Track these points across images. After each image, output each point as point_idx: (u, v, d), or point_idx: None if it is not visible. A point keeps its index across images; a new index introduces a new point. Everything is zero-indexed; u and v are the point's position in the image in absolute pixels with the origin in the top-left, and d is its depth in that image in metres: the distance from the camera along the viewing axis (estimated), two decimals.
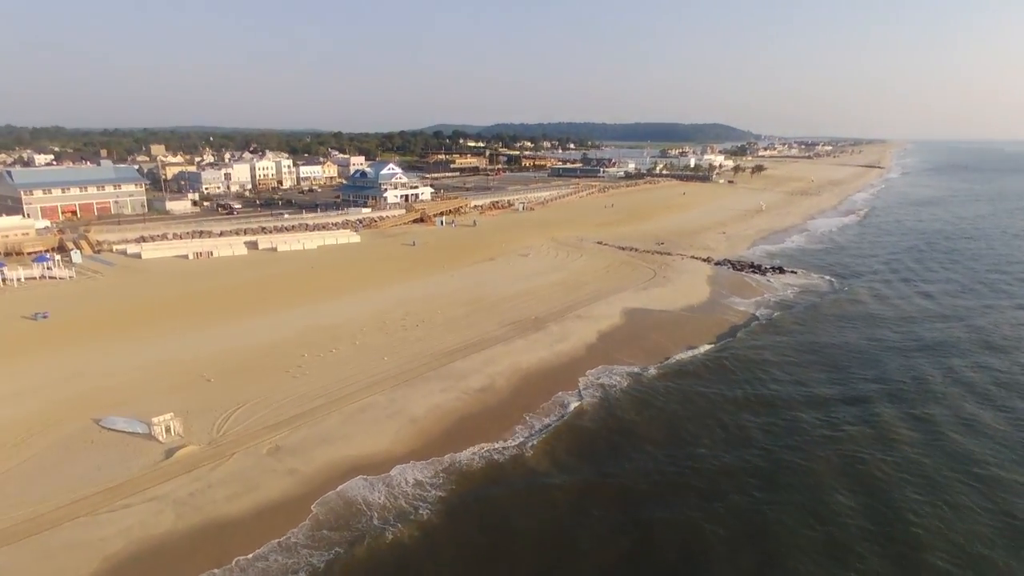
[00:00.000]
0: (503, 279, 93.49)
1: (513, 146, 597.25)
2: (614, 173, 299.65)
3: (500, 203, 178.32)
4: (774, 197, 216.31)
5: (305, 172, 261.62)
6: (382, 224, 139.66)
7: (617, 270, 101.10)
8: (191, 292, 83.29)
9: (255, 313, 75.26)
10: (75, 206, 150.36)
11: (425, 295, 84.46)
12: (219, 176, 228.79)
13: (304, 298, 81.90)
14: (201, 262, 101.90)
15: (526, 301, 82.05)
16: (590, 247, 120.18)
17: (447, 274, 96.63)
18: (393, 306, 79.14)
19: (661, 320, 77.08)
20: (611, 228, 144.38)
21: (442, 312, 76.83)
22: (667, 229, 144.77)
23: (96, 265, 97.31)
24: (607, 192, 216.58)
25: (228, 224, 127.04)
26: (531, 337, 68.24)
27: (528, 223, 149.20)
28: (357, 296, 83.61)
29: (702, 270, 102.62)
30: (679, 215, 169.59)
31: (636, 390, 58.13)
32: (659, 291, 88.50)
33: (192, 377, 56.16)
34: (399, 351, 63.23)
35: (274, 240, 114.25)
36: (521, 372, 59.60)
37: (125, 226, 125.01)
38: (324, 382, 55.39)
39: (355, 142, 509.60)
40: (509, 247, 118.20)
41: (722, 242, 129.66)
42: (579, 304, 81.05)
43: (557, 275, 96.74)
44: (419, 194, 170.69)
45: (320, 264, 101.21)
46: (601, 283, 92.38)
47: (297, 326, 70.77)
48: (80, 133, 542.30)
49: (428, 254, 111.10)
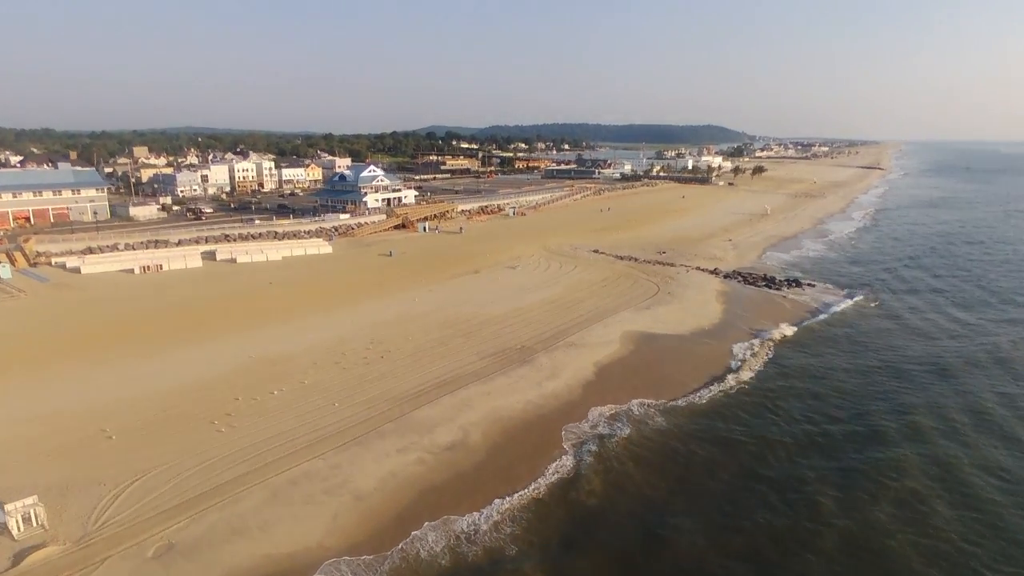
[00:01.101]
0: (487, 296, 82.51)
1: (507, 148, 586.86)
2: (610, 175, 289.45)
3: (489, 208, 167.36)
4: (778, 200, 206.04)
5: (288, 175, 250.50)
6: (360, 231, 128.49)
7: (616, 284, 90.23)
8: (124, 315, 71.99)
9: (192, 341, 64.08)
10: (28, 212, 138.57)
11: (397, 316, 73.43)
12: (195, 178, 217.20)
13: (255, 321, 70.75)
14: (148, 277, 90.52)
15: (512, 324, 71.09)
16: (585, 257, 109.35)
17: (425, 289, 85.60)
18: (357, 331, 68.09)
19: (669, 347, 66.23)
20: (608, 235, 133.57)
21: (413, 338, 65.80)
22: (668, 236, 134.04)
23: (26, 281, 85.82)
24: (603, 195, 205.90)
25: (188, 232, 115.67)
26: (516, 373, 57.23)
27: (518, 229, 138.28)
28: (317, 318, 72.49)
29: (711, 284, 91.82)
30: (680, 220, 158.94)
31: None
32: (664, 310, 77.64)
33: (89, 433, 44.96)
34: (354, 394, 52.12)
35: (234, 250, 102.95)
36: (501, 421, 48.58)
37: (77, 234, 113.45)
38: (254, 438, 44.29)
39: (345, 143, 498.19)
40: (496, 257, 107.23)
41: (729, 251, 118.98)
42: (573, 327, 70.13)
43: (549, 291, 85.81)
44: (402, 198, 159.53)
45: (282, 279, 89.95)
46: (598, 300, 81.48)
47: (239, 358, 59.66)
48: (68, 135, 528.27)
49: (406, 266, 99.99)
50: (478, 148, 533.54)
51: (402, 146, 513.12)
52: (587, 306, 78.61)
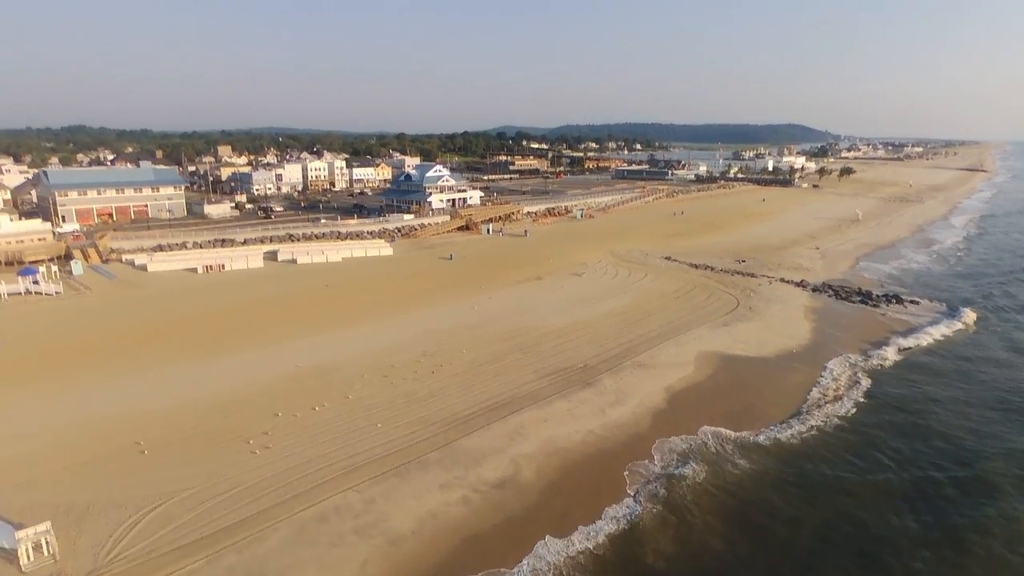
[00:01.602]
0: (549, 306, 77.24)
1: (577, 147, 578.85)
2: (683, 176, 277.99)
3: (556, 209, 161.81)
4: (869, 204, 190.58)
5: (358, 174, 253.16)
6: (422, 232, 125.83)
7: (690, 296, 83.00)
8: (179, 317, 71.03)
9: (243, 346, 61.99)
10: (111, 208, 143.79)
11: (452, 325, 69.28)
12: (270, 177, 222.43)
13: (307, 326, 68.24)
14: (210, 277, 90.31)
15: (575, 338, 65.54)
16: (656, 264, 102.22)
17: (484, 296, 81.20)
18: (410, 340, 64.32)
19: (750, 372, 58.96)
20: (681, 240, 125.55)
21: (468, 351, 61.36)
22: (748, 243, 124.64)
23: (94, 278, 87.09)
24: (676, 197, 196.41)
25: (255, 231, 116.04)
26: (577, 396, 51.71)
27: (585, 233, 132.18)
28: (370, 325, 69.29)
29: (797, 298, 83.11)
30: (760, 225, 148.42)
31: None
32: (745, 328, 70.08)
33: (123, 445, 42.72)
34: (400, 414, 48.03)
35: (296, 251, 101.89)
36: (558, 455, 43.23)
37: (148, 232, 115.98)
38: (288, 463, 40.76)
39: (416, 143, 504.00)
40: (561, 263, 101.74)
41: (816, 260, 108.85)
42: (642, 345, 63.86)
43: (616, 301, 79.67)
44: (467, 199, 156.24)
45: (339, 282, 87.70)
46: (670, 314, 74.72)
47: (286, 366, 56.90)
48: (163, 135, 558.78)
49: (465, 271, 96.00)
50: (548, 148, 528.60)
51: (472, 146, 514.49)
52: (658, 321, 72.03)
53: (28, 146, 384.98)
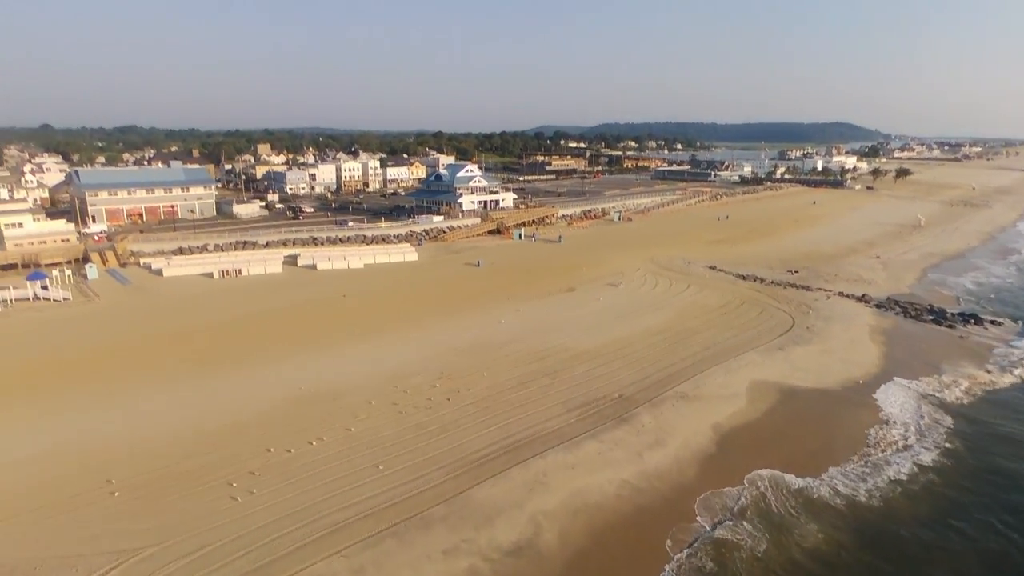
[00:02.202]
0: (582, 321, 70.51)
1: (616, 146, 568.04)
2: (727, 177, 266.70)
3: (592, 212, 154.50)
4: (931, 208, 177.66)
5: (392, 174, 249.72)
6: (451, 236, 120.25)
7: (738, 312, 75.19)
8: (185, 327, 66.67)
9: (246, 362, 57.08)
10: (141, 208, 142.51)
11: (474, 343, 63.22)
12: (303, 177, 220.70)
13: (318, 341, 63.06)
14: (225, 282, 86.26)
15: (609, 361, 58.71)
16: (700, 274, 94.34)
17: (511, 309, 74.95)
18: (427, 359, 58.50)
19: (812, 407, 51.26)
20: (726, 247, 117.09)
21: (490, 374, 55.19)
22: (799, 250, 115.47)
23: (107, 284, 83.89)
24: (720, 200, 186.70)
25: (278, 233, 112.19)
26: (610, 435, 44.96)
27: (623, 238, 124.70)
28: (386, 340, 63.73)
29: (860, 316, 74.47)
30: (812, 231, 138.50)
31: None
32: (803, 353, 62.12)
33: (91, 484, 37.80)
34: (406, 452, 42.09)
35: (316, 256, 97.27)
36: (587, 512, 36.62)
37: (172, 233, 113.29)
38: (271, 515, 35.16)
39: (453, 142, 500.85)
40: (596, 271, 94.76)
41: (878, 271, 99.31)
42: (685, 371, 56.64)
43: (655, 317, 72.45)
44: (499, 200, 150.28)
45: (357, 290, 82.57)
46: (717, 333, 67.16)
47: (289, 389, 51.68)
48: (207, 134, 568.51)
49: (493, 279, 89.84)
50: (586, 147, 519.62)
51: (510, 145, 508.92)
52: (703, 341, 64.58)
53: (77, 145, 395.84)
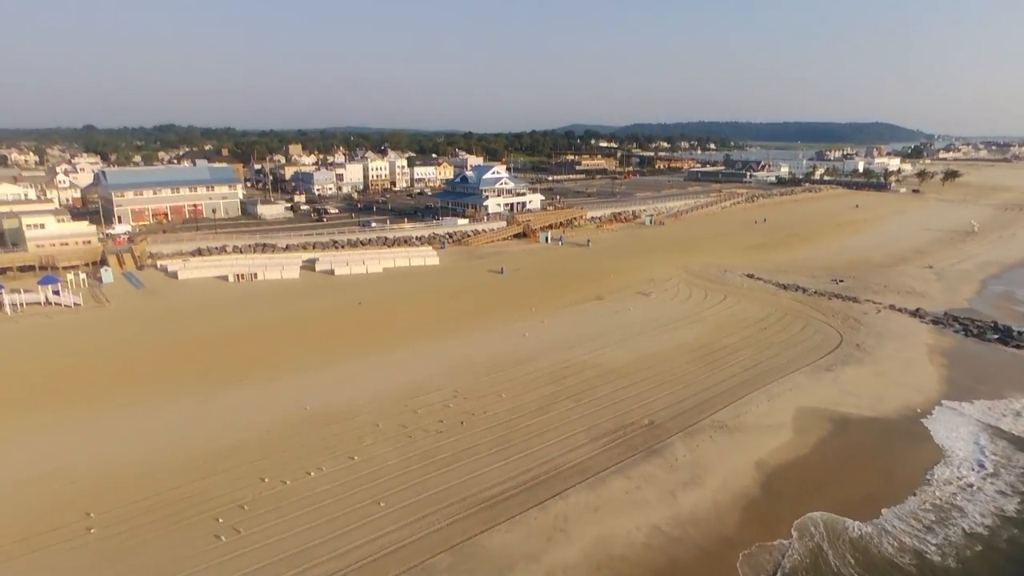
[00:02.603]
0: (611, 335, 65.73)
1: (648, 146, 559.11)
2: (763, 178, 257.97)
3: (623, 214, 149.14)
4: (983, 213, 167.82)
5: (419, 173, 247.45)
6: (475, 240, 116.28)
7: (780, 327, 69.55)
8: (192, 336, 63.83)
9: (249, 377, 53.81)
10: (166, 208, 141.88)
11: (495, 357, 59.02)
12: (331, 177, 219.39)
13: (328, 353, 59.57)
14: (240, 287, 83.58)
15: (639, 381, 53.92)
16: (737, 283, 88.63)
17: (535, 321, 70.56)
18: (442, 375, 54.53)
19: (869, 440, 45.72)
20: (764, 254, 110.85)
21: (508, 394, 50.92)
22: (843, 258, 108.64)
23: (120, 288, 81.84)
24: (756, 202, 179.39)
25: (298, 236, 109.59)
26: (639, 470, 40.24)
27: (655, 243, 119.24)
28: (400, 354, 59.92)
29: (915, 334, 68.18)
30: (856, 237, 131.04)
31: None
32: (854, 374, 56.40)
33: (68, 518, 34.57)
34: (411, 486, 38.01)
35: (335, 261, 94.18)
36: (611, 567, 31.97)
37: (192, 234, 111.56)
38: (254, 561, 31.40)
39: (483, 142, 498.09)
40: (626, 279, 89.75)
41: (931, 283, 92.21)
42: (723, 395, 51.53)
43: (690, 331, 67.29)
44: (526, 202, 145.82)
45: (374, 297, 79.04)
46: (757, 351, 61.75)
47: (291, 409, 48.15)
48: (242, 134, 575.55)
49: (517, 287, 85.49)
50: (617, 147, 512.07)
51: (539, 145, 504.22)
52: (742, 360, 59.26)
53: (114, 145, 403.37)
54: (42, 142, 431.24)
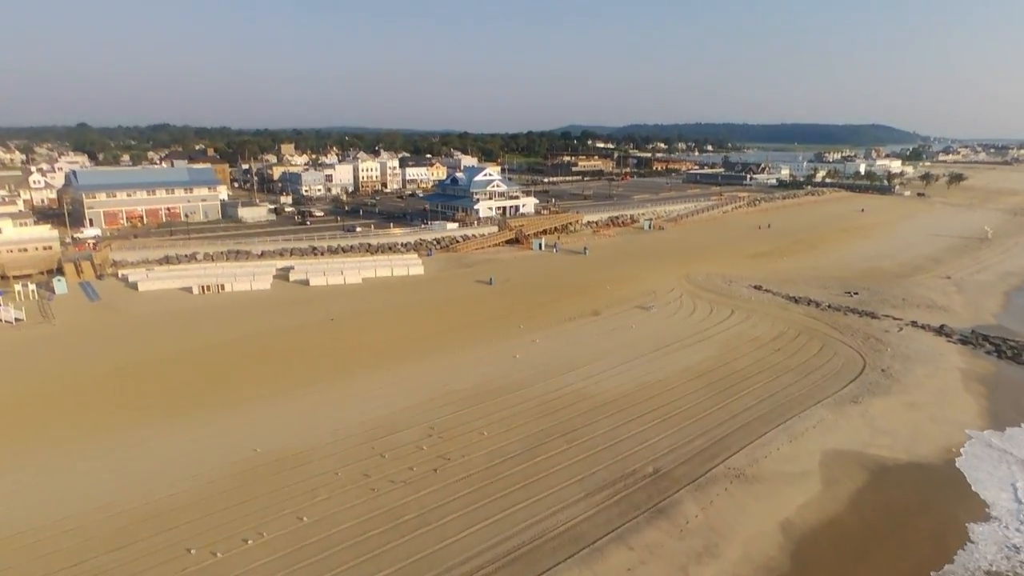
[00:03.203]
0: (609, 357, 59.22)
1: (645, 147, 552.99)
2: (763, 180, 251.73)
3: (621, 219, 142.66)
4: (993, 218, 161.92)
5: (412, 174, 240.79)
6: (464, 246, 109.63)
7: (794, 348, 63.13)
8: (140, 360, 57.04)
9: (197, 410, 47.14)
10: (141, 211, 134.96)
11: (478, 384, 52.47)
12: (320, 178, 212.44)
13: (290, 380, 52.90)
14: (204, 299, 76.81)
15: (640, 414, 47.41)
16: (744, 296, 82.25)
17: (526, 339, 64.04)
18: (417, 407, 47.97)
19: (909, 491, 39.22)
20: (771, 262, 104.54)
21: (492, 431, 44.39)
22: (855, 267, 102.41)
23: (73, 300, 74.96)
24: (759, 206, 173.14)
25: (274, 243, 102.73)
26: (642, 537, 33.66)
27: (654, 249, 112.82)
28: (371, 380, 53.32)
29: (944, 355, 61.80)
30: (865, 243, 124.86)
31: None
32: (883, 407, 49.96)
33: None
34: (366, 560, 31.37)
35: (310, 270, 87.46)
36: None
37: (161, 240, 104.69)
38: None
39: (479, 142, 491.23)
40: (624, 290, 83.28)
41: (952, 295, 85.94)
42: (737, 433, 45.04)
43: (695, 354, 60.82)
44: (520, 206, 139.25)
45: (349, 312, 72.34)
46: (772, 377, 55.31)
47: (240, 451, 41.54)
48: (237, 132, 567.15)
49: (506, 300, 78.89)
50: (614, 148, 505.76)
51: (536, 146, 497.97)
52: (756, 389, 52.78)
53: (103, 144, 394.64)
54: (34, 140, 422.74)
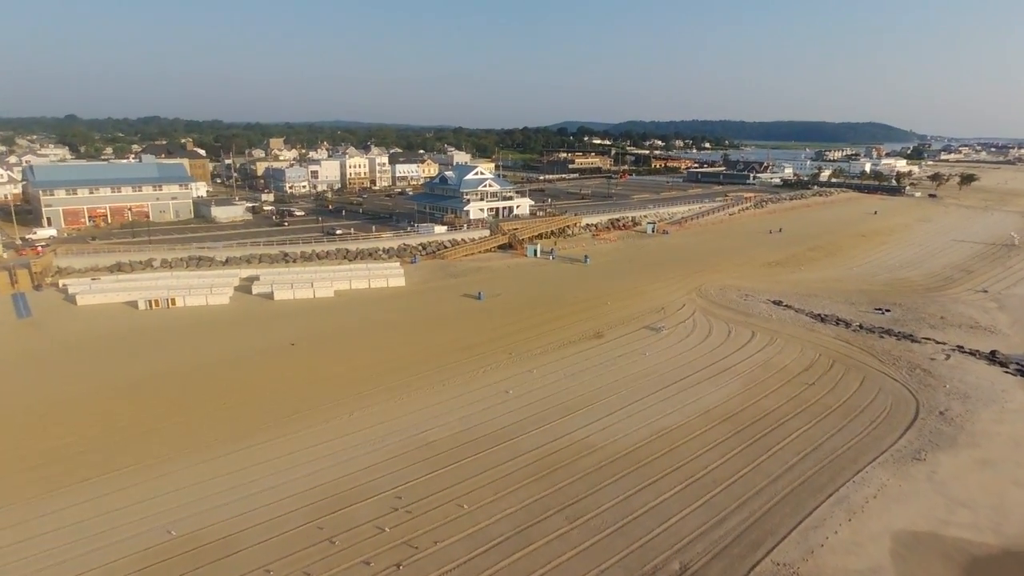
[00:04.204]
0: (615, 394, 50.01)
1: (642, 144, 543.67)
2: (767, 180, 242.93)
3: (622, 221, 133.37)
4: (1014, 221, 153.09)
5: (402, 171, 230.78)
6: (452, 252, 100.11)
7: (830, 381, 54.01)
8: (53, 398, 47.50)
9: (111, 473, 37.75)
10: (105, 210, 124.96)
11: (459, 432, 43.22)
12: (304, 174, 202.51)
13: (231, 428, 43.47)
14: (150, 316, 67.16)
15: (656, 479, 38.23)
16: (764, 313, 73.16)
17: (518, 369, 54.76)
18: (382, 466, 38.72)
19: None
20: (788, 272, 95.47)
21: (474, 502, 35.16)
22: (879, 277, 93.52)
23: (1, 316, 65.29)
24: (767, 208, 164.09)
25: (241, 248, 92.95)
26: None
27: (660, 257, 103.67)
28: (328, 426, 43.95)
29: (1009, 392, 52.69)
30: (885, 250, 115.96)
31: None
32: (953, 466, 40.83)
33: None
34: None
35: (276, 281, 77.83)
36: None
37: (114, 244, 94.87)
38: None
39: (473, 138, 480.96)
40: (630, 306, 74.08)
41: (994, 311, 77.02)
42: (779, 506, 35.87)
43: (716, 390, 51.64)
44: (513, 207, 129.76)
45: (315, 334, 62.80)
46: (809, 422, 46.17)
47: (147, 534, 32.17)
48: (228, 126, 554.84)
49: (496, 319, 69.49)
50: (611, 144, 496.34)
51: (531, 142, 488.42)
52: (794, 440, 43.62)
53: (85, 136, 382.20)
54: (19, 132, 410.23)
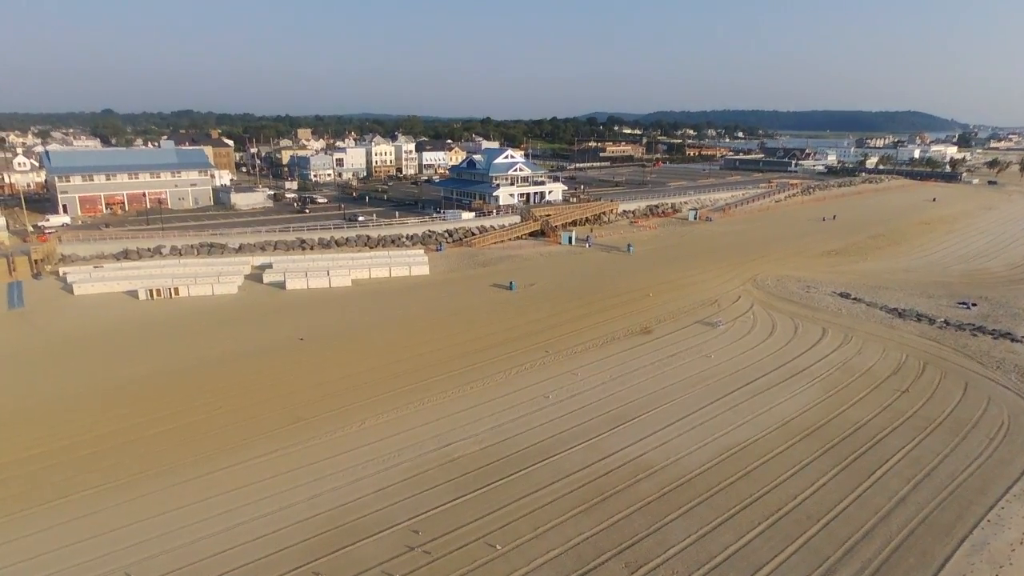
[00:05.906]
0: (671, 400, 42.47)
1: (674, 134, 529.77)
2: (810, 167, 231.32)
3: (661, 208, 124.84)
4: None
5: (429, 159, 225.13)
6: (480, 240, 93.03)
7: (927, 388, 45.65)
8: (37, 400, 41.77)
9: (75, 497, 31.70)
10: (122, 196, 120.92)
11: (489, 447, 36.26)
12: (329, 162, 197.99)
13: (223, 439, 37.13)
14: (151, 307, 61.48)
15: (732, 512, 30.75)
16: (832, 307, 64.65)
17: (557, 370, 47.56)
18: (395, 491, 31.95)
19: None
20: (850, 262, 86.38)
21: (507, 539, 28.17)
22: (953, 268, 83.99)
23: None
24: (814, 195, 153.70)
25: (256, 236, 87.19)
26: None
27: (706, 244, 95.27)
28: (334, 439, 37.33)
29: None
30: (954, 239, 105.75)
31: None
32: None
33: None
34: None
35: (290, 269, 71.70)
36: None
37: (127, 230, 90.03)
38: None
39: (501, 128, 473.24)
40: (680, 299, 66.24)
41: None
42: (897, 554, 28.12)
43: (791, 394, 43.71)
44: (545, 193, 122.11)
45: (326, 329, 56.28)
46: (910, 439, 38.07)
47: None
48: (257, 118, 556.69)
49: (531, 312, 62.24)
50: (641, 134, 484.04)
51: (560, 132, 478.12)
52: (898, 460, 35.62)
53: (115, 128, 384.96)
54: (56, 126, 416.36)
